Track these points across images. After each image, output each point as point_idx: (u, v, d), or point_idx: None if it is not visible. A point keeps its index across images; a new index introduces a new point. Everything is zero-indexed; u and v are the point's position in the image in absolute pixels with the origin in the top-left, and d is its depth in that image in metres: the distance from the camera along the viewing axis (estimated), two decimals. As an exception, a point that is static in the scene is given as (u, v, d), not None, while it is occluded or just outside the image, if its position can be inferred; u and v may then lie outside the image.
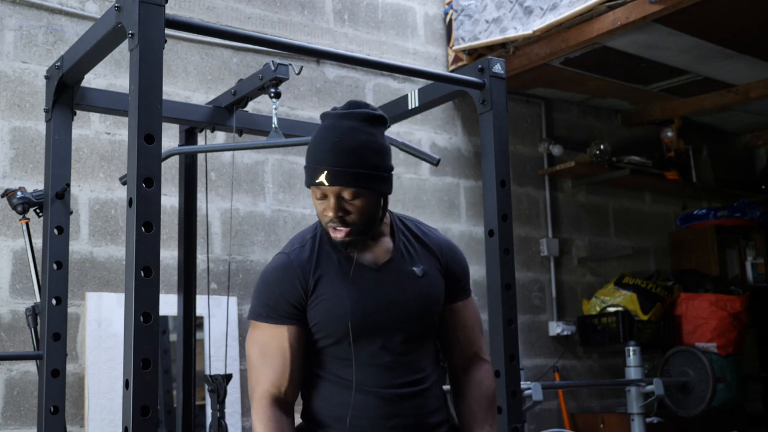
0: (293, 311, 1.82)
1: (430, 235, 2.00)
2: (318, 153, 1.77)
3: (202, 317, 3.28)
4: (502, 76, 2.41)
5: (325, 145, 1.76)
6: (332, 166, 1.74)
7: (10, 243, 3.18)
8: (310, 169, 1.78)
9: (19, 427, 3.09)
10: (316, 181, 1.76)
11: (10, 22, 3.30)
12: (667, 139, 5.41)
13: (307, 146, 1.82)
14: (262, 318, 1.83)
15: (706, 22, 3.88)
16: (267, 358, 1.81)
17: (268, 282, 1.85)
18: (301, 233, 1.93)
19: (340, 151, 1.75)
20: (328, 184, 1.75)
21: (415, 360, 1.87)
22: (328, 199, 1.78)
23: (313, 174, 1.77)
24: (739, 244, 5.49)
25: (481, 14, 4.21)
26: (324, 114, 1.84)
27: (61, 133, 2.43)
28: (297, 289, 1.82)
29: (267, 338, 1.82)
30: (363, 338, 1.82)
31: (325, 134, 1.78)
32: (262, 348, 1.82)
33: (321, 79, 4.07)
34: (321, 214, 1.81)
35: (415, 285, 1.89)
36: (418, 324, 1.89)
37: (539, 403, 3.46)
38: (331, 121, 1.80)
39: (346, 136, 1.76)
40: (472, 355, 1.99)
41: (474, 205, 4.51)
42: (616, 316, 4.63)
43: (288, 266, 1.83)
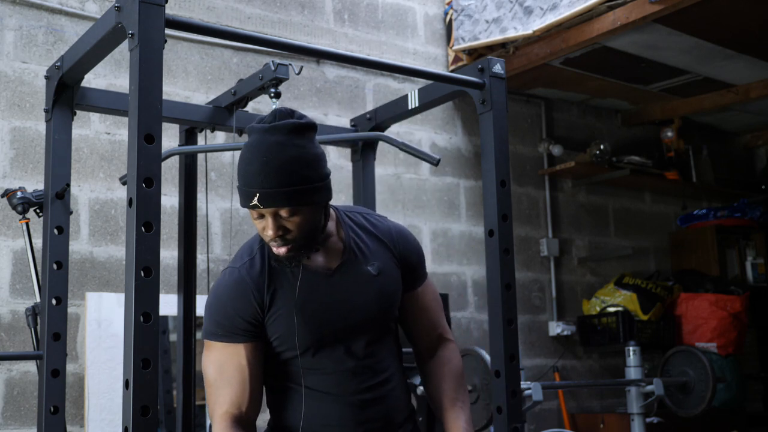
0: (249, 328, 1.78)
1: (380, 226, 1.94)
2: (248, 175, 1.70)
3: (202, 317, 3.28)
4: (502, 76, 2.41)
5: (253, 165, 1.69)
6: (263, 188, 1.68)
7: (10, 243, 3.18)
8: (242, 192, 1.72)
9: (19, 427, 3.09)
10: (250, 204, 1.70)
11: (10, 22, 3.30)
12: (667, 139, 5.41)
13: (237, 167, 1.75)
14: (217, 337, 1.80)
15: (706, 22, 3.88)
16: (224, 378, 1.78)
17: (221, 300, 1.80)
18: (248, 243, 1.88)
19: (270, 171, 1.67)
20: (262, 207, 1.69)
21: (378, 361, 1.87)
22: (266, 218, 1.72)
23: (246, 197, 1.71)
24: (739, 244, 5.49)
25: (481, 14, 4.21)
26: (249, 128, 1.74)
27: (61, 133, 2.43)
28: (252, 305, 1.77)
29: (223, 357, 1.79)
30: (326, 347, 1.80)
31: (253, 153, 1.70)
32: (218, 367, 1.79)
33: (321, 79, 4.07)
34: (261, 233, 1.76)
35: (372, 285, 1.85)
36: (378, 325, 1.87)
37: (539, 403, 3.46)
38: (257, 137, 1.71)
39: (274, 154, 1.68)
40: (437, 337, 2.01)
41: (474, 205, 4.51)
42: (616, 316, 4.63)
43: (241, 282, 1.79)
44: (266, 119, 1.73)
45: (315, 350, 1.80)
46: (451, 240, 4.40)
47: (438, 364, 1.98)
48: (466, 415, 1.91)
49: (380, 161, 3.70)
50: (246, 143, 1.74)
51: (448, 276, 4.37)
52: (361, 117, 3.16)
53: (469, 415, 1.92)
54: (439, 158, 2.48)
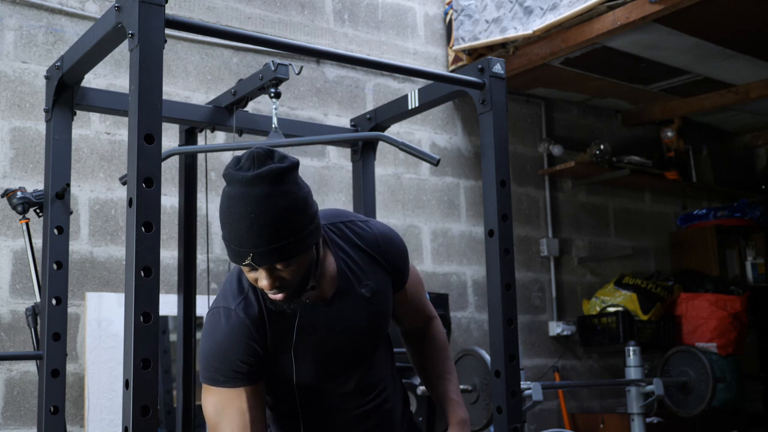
0: (251, 371, 1.74)
1: (365, 236, 1.88)
2: (237, 234, 1.59)
3: (202, 317, 3.28)
4: (502, 76, 2.41)
5: (242, 224, 1.57)
6: (256, 248, 1.58)
7: (10, 243, 3.18)
8: (232, 250, 1.62)
9: (19, 427, 3.09)
10: (243, 264, 1.62)
11: (10, 22, 3.30)
12: (667, 139, 5.41)
13: (221, 218, 1.64)
14: (217, 383, 1.75)
15: (706, 22, 3.88)
16: (226, 421, 1.76)
17: (221, 345, 1.73)
18: (236, 277, 1.78)
19: (261, 228, 1.56)
20: (257, 266, 1.62)
21: (375, 374, 1.90)
22: (259, 272, 1.65)
23: (237, 256, 1.61)
24: (739, 244, 5.49)
25: (481, 14, 4.21)
26: (228, 176, 1.61)
27: (61, 133, 2.43)
28: (254, 349, 1.73)
29: (224, 401, 1.76)
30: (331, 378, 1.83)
31: (239, 209, 1.57)
32: (219, 411, 1.77)
33: (321, 79, 4.07)
34: (255, 282, 1.68)
35: (367, 309, 1.84)
36: (375, 345, 1.90)
37: (539, 403, 3.46)
38: (239, 190, 1.58)
39: (262, 209, 1.56)
40: (423, 318, 2.08)
41: (474, 205, 4.51)
42: (616, 316, 4.63)
43: (241, 326, 1.72)
44: (243, 165, 1.61)
45: (317, 382, 1.82)
46: (451, 240, 4.40)
47: (426, 340, 2.07)
48: (454, 386, 2.01)
49: (380, 161, 3.70)
50: (227, 193, 1.62)
51: (448, 276, 4.37)
52: (361, 117, 3.16)
53: (457, 386, 2.03)
54: (439, 158, 2.48)
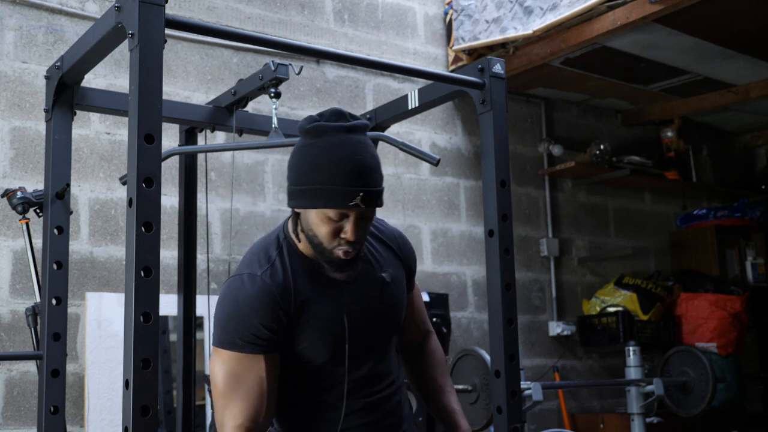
0: (272, 339, 1.69)
1: (385, 230, 1.94)
2: (342, 175, 1.61)
3: (202, 317, 3.28)
4: (502, 76, 2.41)
5: (348, 165, 1.62)
6: (368, 187, 1.63)
7: (10, 243, 3.18)
8: (335, 192, 1.62)
9: (19, 427, 3.09)
10: (350, 204, 1.62)
11: (10, 22, 3.30)
12: (667, 139, 5.42)
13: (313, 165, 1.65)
14: (236, 347, 1.69)
15: (706, 22, 3.88)
16: (241, 390, 1.69)
17: (243, 309, 1.69)
18: (263, 248, 1.78)
19: (368, 170, 1.64)
20: (364, 206, 1.64)
21: (388, 362, 1.89)
22: (347, 221, 1.66)
23: (342, 198, 1.62)
24: (739, 244, 5.49)
25: (481, 14, 4.21)
26: (319, 127, 1.66)
27: (61, 133, 2.43)
28: (279, 317, 1.69)
29: (241, 368, 1.69)
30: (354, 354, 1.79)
31: (341, 152, 1.63)
32: (234, 378, 1.69)
33: (321, 79, 4.07)
34: (331, 236, 1.67)
35: (387, 292, 1.85)
36: (394, 331, 1.90)
37: (539, 403, 3.46)
38: (336, 137, 1.64)
39: (365, 154, 1.65)
40: (423, 331, 2.08)
41: (474, 205, 4.51)
42: (616, 316, 4.63)
43: (265, 293, 1.69)
44: (330, 118, 1.67)
45: (337, 359, 1.78)
46: (451, 240, 4.40)
47: (427, 356, 2.06)
48: (456, 398, 2.02)
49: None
50: (318, 143, 1.65)
51: (448, 276, 4.37)
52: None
53: (457, 399, 2.04)
54: (438, 158, 2.48)
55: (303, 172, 1.67)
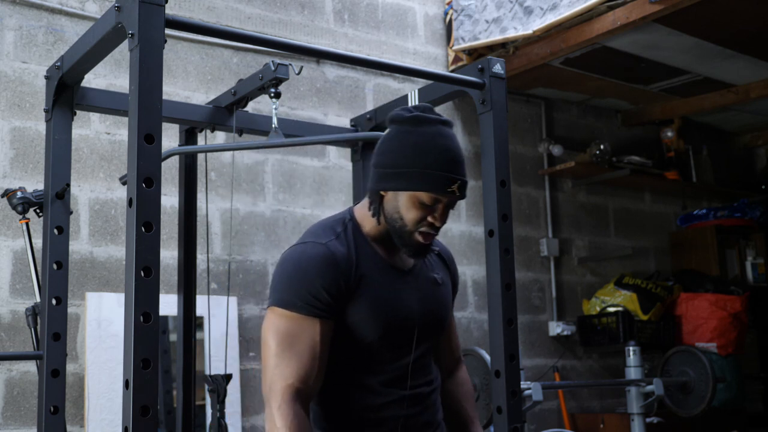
0: (331, 304, 1.73)
1: (438, 243, 2.03)
2: (446, 162, 1.73)
3: (202, 317, 3.28)
4: (502, 76, 2.41)
5: (450, 154, 1.74)
6: (463, 177, 1.75)
7: (10, 243, 3.18)
8: (436, 177, 1.72)
9: (19, 427, 3.09)
10: (447, 191, 1.73)
11: (10, 22, 3.30)
12: (667, 139, 5.41)
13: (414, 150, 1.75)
14: (294, 308, 1.72)
15: (706, 22, 3.88)
16: (294, 350, 1.71)
17: (306, 270, 1.73)
18: (328, 224, 1.85)
19: (461, 162, 1.76)
20: (458, 194, 1.74)
21: (428, 363, 1.93)
22: (436, 209, 1.76)
23: (442, 183, 1.72)
24: (739, 244, 5.49)
25: (481, 14, 4.21)
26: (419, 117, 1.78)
27: (61, 133, 2.43)
28: (339, 284, 1.74)
29: (297, 329, 1.72)
30: (394, 338, 1.82)
31: (443, 142, 1.75)
32: (290, 339, 1.72)
33: (321, 79, 4.07)
34: (419, 220, 1.76)
35: (437, 291, 1.92)
36: (435, 330, 1.94)
37: (539, 403, 3.46)
38: (436, 128, 1.77)
39: (459, 147, 1.78)
40: (456, 358, 2.11)
41: (474, 205, 4.51)
42: (616, 316, 4.63)
43: (330, 258, 1.74)
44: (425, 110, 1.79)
45: (386, 341, 1.80)
46: (451, 240, 4.40)
47: (456, 384, 2.07)
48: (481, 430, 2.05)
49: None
50: (419, 130, 1.76)
51: (448, 276, 4.37)
52: (361, 117, 3.16)
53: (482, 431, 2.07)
54: (439, 158, 2.48)
55: (404, 155, 1.75)
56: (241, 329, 3.62)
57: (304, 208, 3.91)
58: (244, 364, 3.61)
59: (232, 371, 3.45)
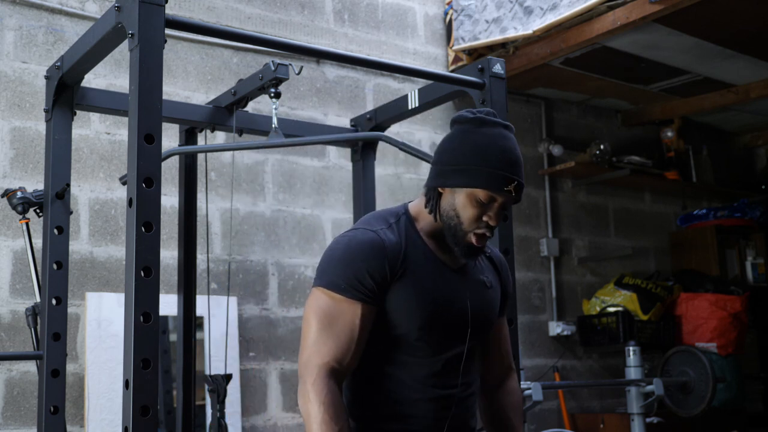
0: (374, 290, 1.75)
1: (491, 248, 2.03)
2: (506, 162, 1.75)
3: (202, 317, 3.28)
4: (502, 76, 2.41)
5: (512, 155, 1.76)
6: (521, 179, 1.76)
7: (10, 243, 3.18)
8: (495, 176, 1.74)
9: (19, 427, 3.09)
10: (504, 190, 1.75)
11: (10, 22, 3.30)
12: (667, 139, 5.41)
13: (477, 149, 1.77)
14: (339, 289, 1.74)
15: (706, 22, 3.88)
16: (334, 330, 1.73)
17: (354, 254, 1.75)
18: (382, 215, 1.87)
19: (520, 165, 1.78)
20: (514, 195, 1.76)
21: (469, 366, 1.90)
22: (492, 208, 1.77)
23: (500, 182, 1.75)
24: (739, 244, 5.49)
25: (481, 14, 4.21)
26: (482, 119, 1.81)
27: (61, 133, 2.43)
28: (384, 270, 1.75)
29: (338, 311, 1.74)
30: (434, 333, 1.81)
31: (505, 143, 1.77)
32: (330, 318, 1.74)
33: (321, 79, 4.07)
34: (475, 219, 1.77)
35: (486, 293, 1.91)
36: (486, 333, 1.93)
37: (539, 403, 3.46)
38: (498, 131, 1.79)
39: (516, 149, 1.79)
40: (507, 366, 2.05)
41: (474, 205, 4.50)
42: (616, 316, 4.63)
43: (378, 244, 1.76)
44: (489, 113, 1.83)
45: (423, 333, 1.79)
46: (451, 240, 4.40)
47: (504, 393, 2.03)
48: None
49: (380, 161, 3.69)
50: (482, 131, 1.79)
51: (448, 276, 4.36)
52: (361, 117, 3.17)
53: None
54: (439, 158, 2.48)
55: (463, 153, 1.78)
56: (241, 329, 3.62)
57: (304, 208, 3.91)
58: (244, 364, 3.61)
59: (232, 371, 3.45)
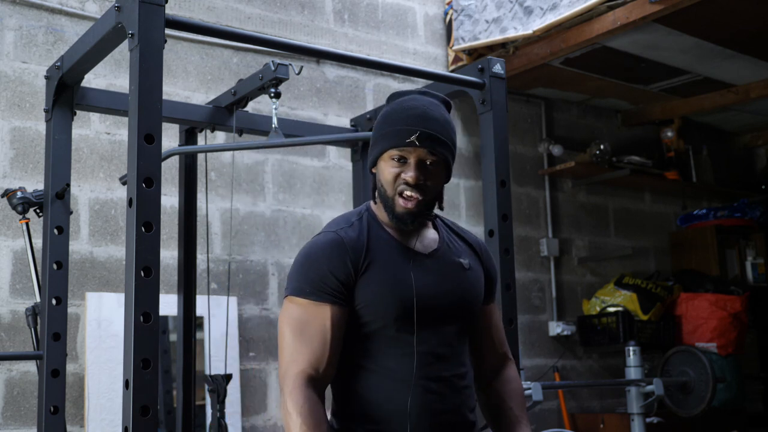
0: (340, 290, 1.74)
1: (468, 234, 2.00)
2: (407, 117, 1.77)
3: (202, 317, 3.28)
4: (502, 76, 2.41)
5: (413, 111, 1.78)
6: (426, 129, 1.76)
7: (10, 243, 3.18)
8: (396, 132, 1.76)
9: (19, 427, 3.09)
10: (406, 141, 1.75)
11: (10, 22, 3.30)
12: (667, 139, 5.41)
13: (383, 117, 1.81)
14: (304, 294, 1.73)
15: (706, 22, 3.88)
16: (306, 337, 1.72)
17: (315, 257, 1.76)
18: (345, 216, 1.87)
19: (430, 118, 1.78)
20: (419, 144, 1.75)
21: (460, 353, 1.85)
22: (408, 163, 1.77)
23: (401, 136, 1.76)
24: (739, 244, 5.49)
25: (481, 14, 4.21)
26: (395, 93, 1.87)
27: (61, 133, 2.43)
28: (347, 266, 1.74)
29: (307, 316, 1.73)
30: (411, 323, 1.76)
31: (410, 104, 1.80)
32: (300, 325, 1.73)
33: (321, 79, 4.07)
34: (393, 180, 1.78)
35: (464, 276, 1.87)
36: (468, 316, 1.88)
37: (539, 403, 3.46)
38: (409, 97, 1.83)
39: (432, 108, 1.80)
40: (502, 354, 1.99)
41: (474, 205, 4.51)
42: (616, 316, 4.63)
43: (338, 243, 1.76)
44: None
45: (400, 324, 1.76)
46: (451, 240, 4.40)
47: (503, 383, 1.97)
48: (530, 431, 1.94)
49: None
50: (394, 103, 1.83)
51: (448, 276, 4.36)
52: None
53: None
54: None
55: (375, 128, 1.82)
56: (241, 329, 3.62)
57: (304, 208, 3.91)
58: (244, 364, 3.61)
59: (232, 371, 3.45)
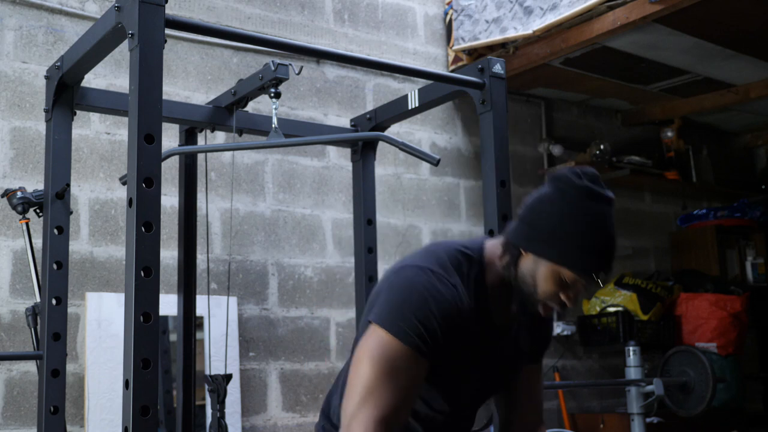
0: (436, 349, 1.65)
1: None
2: (605, 251, 1.65)
3: (202, 317, 3.28)
4: (502, 76, 2.41)
5: (609, 242, 1.65)
6: (609, 269, 1.66)
7: (10, 243, 3.18)
8: (584, 260, 1.64)
9: (19, 427, 3.09)
10: (590, 276, 1.65)
11: (10, 22, 3.30)
12: (667, 139, 5.41)
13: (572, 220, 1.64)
14: (407, 340, 1.61)
15: (706, 22, 3.88)
16: (397, 383, 1.60)
17: (431, 310, 1.63)
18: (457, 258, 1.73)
19: (614, 252, 1.68)
20: (602, 283, 1.68)
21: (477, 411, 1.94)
22: (573, 289, 1.67)
23: (587, 267, 1.64)
24: (739, 244, 5.49)
25: (481, 14, 4.21)
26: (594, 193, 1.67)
27: (61, 133, 2.43)
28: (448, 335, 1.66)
29: (403, 363, 1.61)
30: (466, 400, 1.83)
31: (607, 227, 1.65)
32: (393, 369, 1.61)
33: (321, 79, 4.07)
34: (553, 294, 1.67)
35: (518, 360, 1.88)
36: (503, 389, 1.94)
37: (539, 403, 3.46)
38: (605, 209, 1.67)
39: (614, 234, 1.68)
40: (536, 418, 1.98)
41: (474, 205, 4.51)
42: (616, 316, 4.63)
43: (454, 306, 1.66)
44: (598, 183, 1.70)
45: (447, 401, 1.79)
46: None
47: None
48: None
49: (380, 161, 3.70)
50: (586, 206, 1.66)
51: (448, 276, 4.36)
52: (361, 117, 3.17)
53: None
54: (438, 158, 2.49)
55: (564, 226, 1.65)
56: (241, 329, 3.62)
57: (304, 208, 3.91)
58: (244, 364, 3.61)
59: (232, 371, 3.45)
